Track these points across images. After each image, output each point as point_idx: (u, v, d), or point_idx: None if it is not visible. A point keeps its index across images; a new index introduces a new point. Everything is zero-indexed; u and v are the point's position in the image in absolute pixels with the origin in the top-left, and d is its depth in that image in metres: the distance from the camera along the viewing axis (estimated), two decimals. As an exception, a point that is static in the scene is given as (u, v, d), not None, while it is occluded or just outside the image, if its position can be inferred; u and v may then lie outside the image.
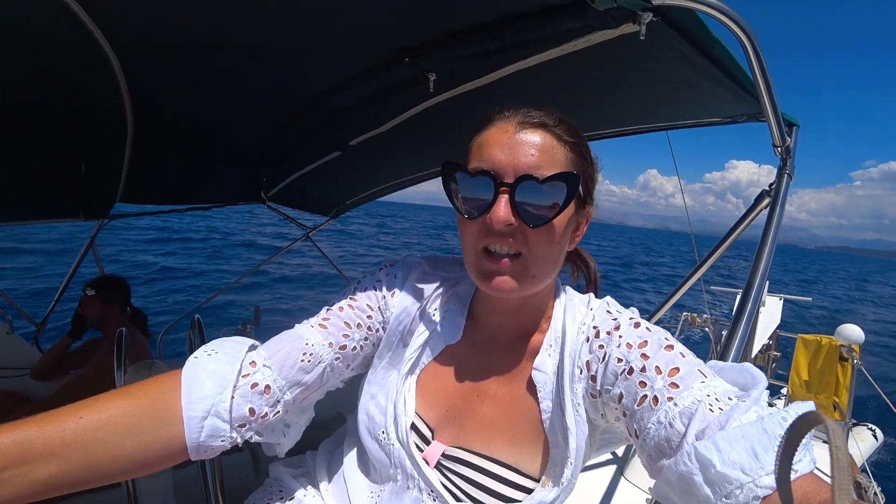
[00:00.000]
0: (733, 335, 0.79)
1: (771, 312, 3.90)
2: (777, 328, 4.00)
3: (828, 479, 0.39)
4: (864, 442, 4.46)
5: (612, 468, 2.29)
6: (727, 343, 0.79)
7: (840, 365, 3.44)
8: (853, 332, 3.46)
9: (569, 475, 0.68)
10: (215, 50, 1.15)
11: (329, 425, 1.00)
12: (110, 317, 2.46)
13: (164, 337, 3.28)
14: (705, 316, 5.09)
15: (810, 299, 5.21)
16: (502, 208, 0.65)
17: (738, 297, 0.91)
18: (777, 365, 4.24)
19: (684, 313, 5.14)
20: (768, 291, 3.88)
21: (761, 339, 3.86)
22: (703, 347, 4.92)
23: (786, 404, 3.83)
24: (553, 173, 0.65)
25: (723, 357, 0.76)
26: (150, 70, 1.30)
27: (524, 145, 0.66)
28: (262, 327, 2.95)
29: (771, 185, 1.23)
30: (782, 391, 4.03)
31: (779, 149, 1.22)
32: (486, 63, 1.18)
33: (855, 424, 4.59)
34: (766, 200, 1.24)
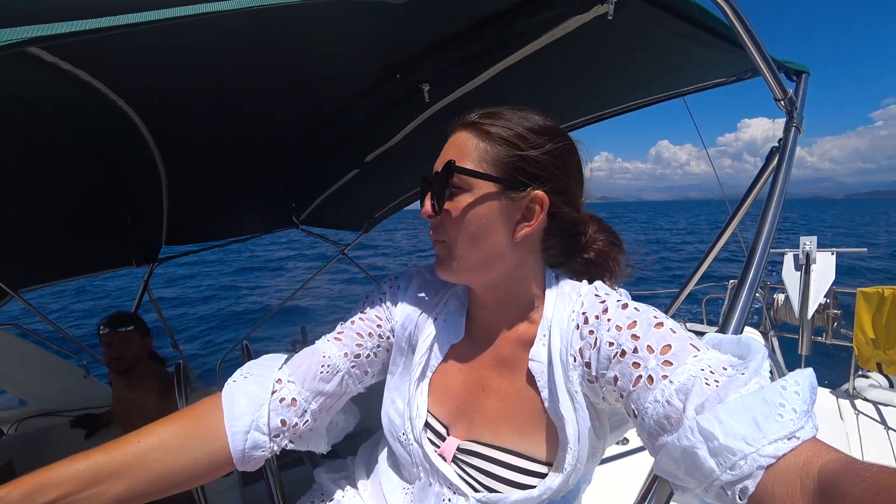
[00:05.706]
0: (736, 300, 0.76)
1: (824, 269, 3.66)
2: (833, 284, 3.76)
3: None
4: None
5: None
6: (730, 308, 0.75)
7: (908, 316, 3.20)
8: (919, 279, 3.22)
9: (571, 461, 0.69)
10: (225, 95, 1.25)
11: (366, 433, 1.07)
12: (145, 350, 2.31)
13: (221, 365, 3.50)
14: (754, 281, 4.84)
15: (865, 250, 4.82)
16: (426, 202, 0.76)
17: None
18: (838, 324, 3.98)
19: (730, 281, 4.93)
20: (817, 247, 3.66)
21: (816, 298, 3.64)
22: (755, 312, 4.71)
23: (853, 364, 3.62)
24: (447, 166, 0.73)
25: (727, 318, 0.75)
26: (171, 121, 1.42)
27: (448, 146, 0.76)
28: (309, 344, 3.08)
29: (780, 140, 1.19)
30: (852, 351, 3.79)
31: (781, 101, 1.16)
32: (473, 66, 1.22)
33: None
34: (777, 157, 1.20)
